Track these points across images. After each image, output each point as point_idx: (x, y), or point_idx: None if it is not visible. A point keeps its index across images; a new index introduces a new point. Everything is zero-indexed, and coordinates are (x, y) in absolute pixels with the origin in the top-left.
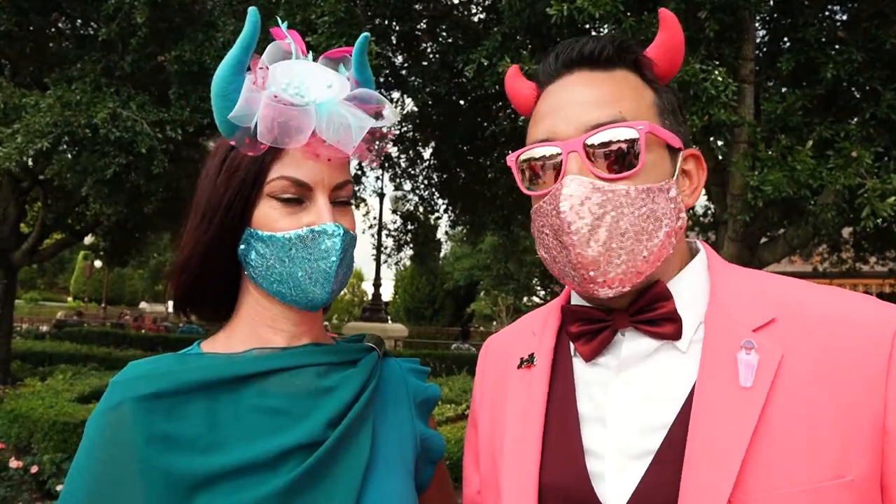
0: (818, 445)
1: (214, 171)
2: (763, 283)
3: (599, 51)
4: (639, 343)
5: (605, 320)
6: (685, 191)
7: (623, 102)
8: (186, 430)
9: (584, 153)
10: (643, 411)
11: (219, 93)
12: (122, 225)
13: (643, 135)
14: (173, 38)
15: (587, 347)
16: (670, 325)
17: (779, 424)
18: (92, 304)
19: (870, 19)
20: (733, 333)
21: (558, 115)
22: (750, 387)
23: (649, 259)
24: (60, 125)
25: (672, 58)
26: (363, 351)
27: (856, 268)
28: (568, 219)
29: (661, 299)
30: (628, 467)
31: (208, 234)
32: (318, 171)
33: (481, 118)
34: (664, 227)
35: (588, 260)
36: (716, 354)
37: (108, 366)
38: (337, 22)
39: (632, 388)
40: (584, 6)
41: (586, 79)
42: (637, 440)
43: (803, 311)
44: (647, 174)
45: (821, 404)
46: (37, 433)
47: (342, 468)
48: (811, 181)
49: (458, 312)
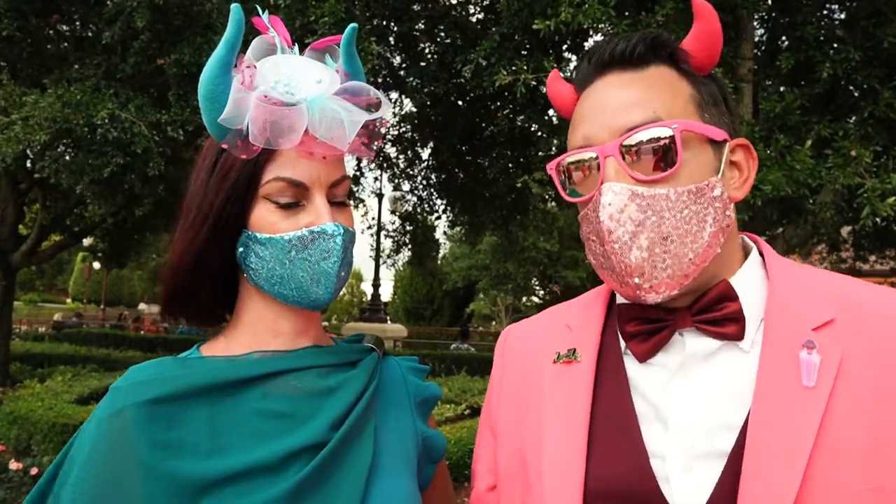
0: (881, 447)
1: (206, 174)
2: (820, 280)
3: (631, 50)
4: (701, 343)
5: (664, 320)
6: (734, 183)
7: (656, 101)
8: (189, 434)
9: (619, 157)
10: (707, 411)
11: (207, 95)
12: (120, 226)
13: (678, 133)
14: (172, 40)
15: (643, 347)
16: (734, 326)
17: (841, 424)
18: (91, 306)
19: (868, 18)
20: (794, 332)
21: (593, 120)
22: (813, 386)
23: (695, 261)
24: (59, 121)
25: (710, 47)
26: (363, 352)
27: (856, 266)
28: (608, 227)
29: (727, 299)
30: (693, 468)
31: (199, 237)
32: (313, 170)
33: (480, 118)
34: (709, 228)
35: (632, 267)
36: (777, 353)
37: (107, 367)
38: (337, 23)
39: (693, 388)
40: (568, 20)
41: (619, 80)
42: (702, 440)
43: (861, 311)
44: (687, 173)
45: (881, 403)
46: (36, 435)
47: (346, 469)
48: (810, 180)
49: (458, 312)
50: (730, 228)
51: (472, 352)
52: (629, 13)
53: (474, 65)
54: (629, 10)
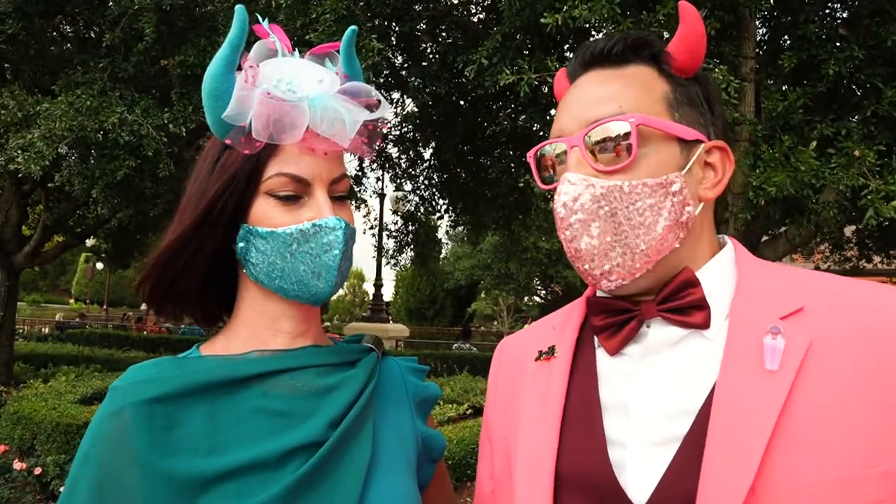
0: (850, 434)
1: (207, 171)
2: (792, 275)
3: (609, 48)
4: (666, 331)
5: (630, 310)
6: (706, 184)
7: (625, 98)
8: (188, 433)
9: (583, 147)
10: (667, 398)
11: (211, 92)
12: (123, 227)
13: (634, 127)
14: (176, 42)
15: (612, 341)
16: (699, 314)
17: (807, 411)
18: (94, 306)
19: (871, 16)
20: (760, 320)
21: (568, 113)
22: (776, 370)
23: (647, 252)
24: (75, 130)
25: (692, 49)
26: (362, 352)
27: (859, 266)
28: (562, 214)
29: (689, 286)
30: (650, 455)
31: (191, 223)
32: (315, 166)
33: (481, 118)
34: (664, 221)
35: (582, 253)
36: (741, 340)
37: (110, 367)
38: (337, 20)
39: (656, 375)
40: (578, 14)
41: (598, 77)
42: (660, 427)
43: (834, 301)
44: (646, 166)
45: (853, 393)
46: (40, 435)
47: (344, 468)
48: (814, 181)
49: (459, 312)
50: (689, 224)
51: (473, 352)
52: (631, 12)
53: (477, 65)
54: (632, 9)
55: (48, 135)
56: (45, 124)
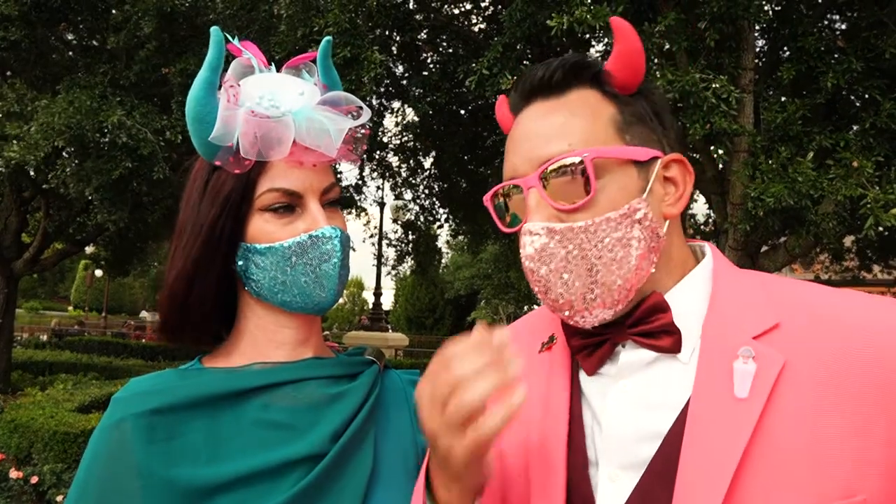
0: (825, 461)
1: (198, 195)
2: (768, 286)
3: (549, 76)
4: (637, 353)
5: (602, 333)
6: (668, 200)
7: (573, 130)
8: (188, 444)
9: (541, 187)
10: (639, 421)
11: (195, 116)
12: (123, 234)
13: (589, 161)
14: (177, 50)
15: (588, 362)
16: (668, 338)
17: (779, 437)
18: (92, 314)
19: (869, 28)
20: (731, 342)
21: (518, 151)
22: (745, 397)
23: (625, 286)
24: (73, 127)
25: (631, 66)
26: (364, 364)
27: (859, 276)
28: (530, 267)
29: (658, 311)
30: (619, 477)
31: (194, 253)
32: (305, 178)
33: (481, 127)
34: (635, 251)
35: (560, 302)
36: (712, 364)
37: (108, 375)
38: (340, 33)
39: (629, 397)
40: (583, 18)
41: (541, 109)
42: (629, 450)
43: (810, 315)
44: (606, 198)
45: (828, 416)
46: (37, 443)
47: (345, 480)
48: (812, 192)
49: (459, 321)
50: (660, 246)
51: None
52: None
53: (478, 76)
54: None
55: (45, 128)
56: (42, 118)
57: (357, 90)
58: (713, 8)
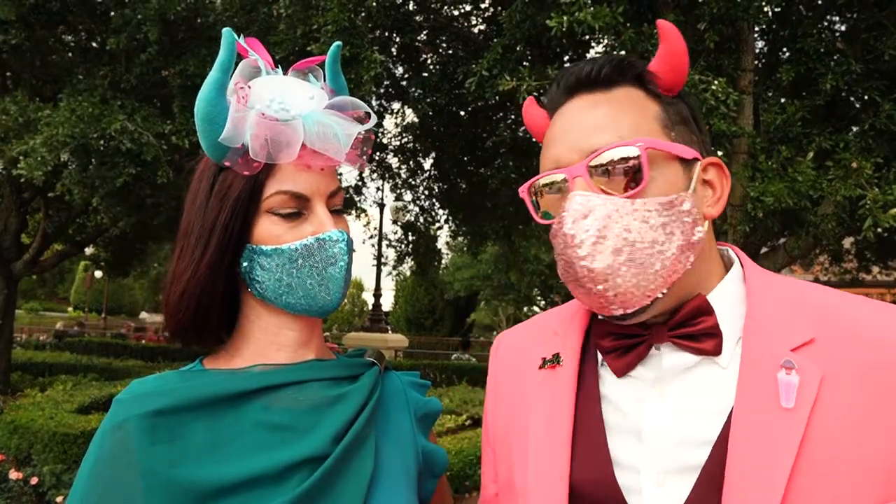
0: (863, 468)
1: (204, 196)
2: (801, 295)
3: (597, 72)
4: (678, 357)
5: (640, 335)
6: (707, 201)
7: (622, 121)
8: (190, 446)
9: (588, 177)
10: (682, 426)
11: (205, 117)
12: (123, 236)
13: (644, 151)
14: (177, 52)
15: (620, 362)
16: (711, 341)
17: (821, 447)
18: (92, 315)
19: (868, 30)
20: (772, 352)
21: (562, 143)
22: (792, 408)
23: (662, 273)
24: (77, 137)
25: (675, 68)
26: (365, 366)
27: (858, 277)
28: (571, 232)
29: (703, 314)
30: (666, 482)
31: (206, 255)
32: (312, 182)
33: (481, 129)
34: (676, 241)
35: (595, 273)
36: (755, 373)
37: (108, 376)
38: (339, 31)
39: (669, 402)
40: (583, 18)
41: (586, 102)
42: (675, 455)
43: (843, 329)
44: (655, 189)
45: (865, 426)
46: (37, 444)
47: (347, 483)
48: (811, 192)
49: (459, 322)
50: (701, 245)
51: (472, 362)
52: (632, 24)
53: (478, 77)
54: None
55: (50, 141)
56: (46, 130)
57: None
58: (712, 9)
